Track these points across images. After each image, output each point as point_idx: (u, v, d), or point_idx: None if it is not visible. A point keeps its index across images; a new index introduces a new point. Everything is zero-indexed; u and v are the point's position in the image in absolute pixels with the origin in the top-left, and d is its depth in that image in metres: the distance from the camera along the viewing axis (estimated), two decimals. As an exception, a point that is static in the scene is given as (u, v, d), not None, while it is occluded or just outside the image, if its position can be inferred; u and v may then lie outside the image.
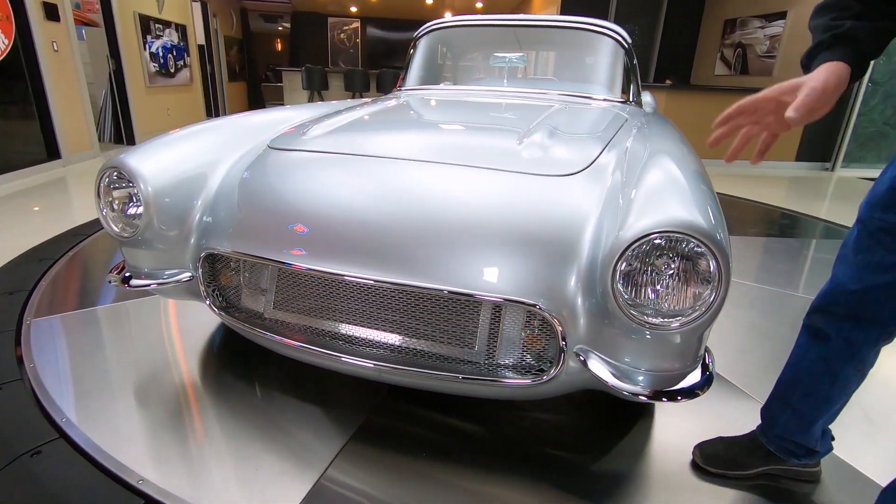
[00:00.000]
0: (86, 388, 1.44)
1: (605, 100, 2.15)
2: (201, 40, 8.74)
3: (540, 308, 1.01)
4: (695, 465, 1.21)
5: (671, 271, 0.90)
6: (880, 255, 0.89)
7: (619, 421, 1.37)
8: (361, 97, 8.61)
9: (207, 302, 1.33)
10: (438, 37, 2.57)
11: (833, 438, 1.14)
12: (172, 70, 7.14)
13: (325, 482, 1.13)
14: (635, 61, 2.32)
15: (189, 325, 1.83)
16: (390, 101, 2.03)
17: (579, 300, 1.01)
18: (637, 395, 0.97)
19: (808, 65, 0.78)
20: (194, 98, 8.08)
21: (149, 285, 1.32)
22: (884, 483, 1.16)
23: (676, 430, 1.34)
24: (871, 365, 0.99)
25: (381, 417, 1.36)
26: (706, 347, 1.05)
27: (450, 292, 1.05)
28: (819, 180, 5.81)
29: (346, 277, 1.10)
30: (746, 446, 1.18)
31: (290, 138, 1.49)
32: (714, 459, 1.18)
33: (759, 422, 1.19)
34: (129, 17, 6.01)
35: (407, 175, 1.23)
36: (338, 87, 8.67)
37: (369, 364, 1.15)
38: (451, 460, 1.23)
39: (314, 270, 1.12)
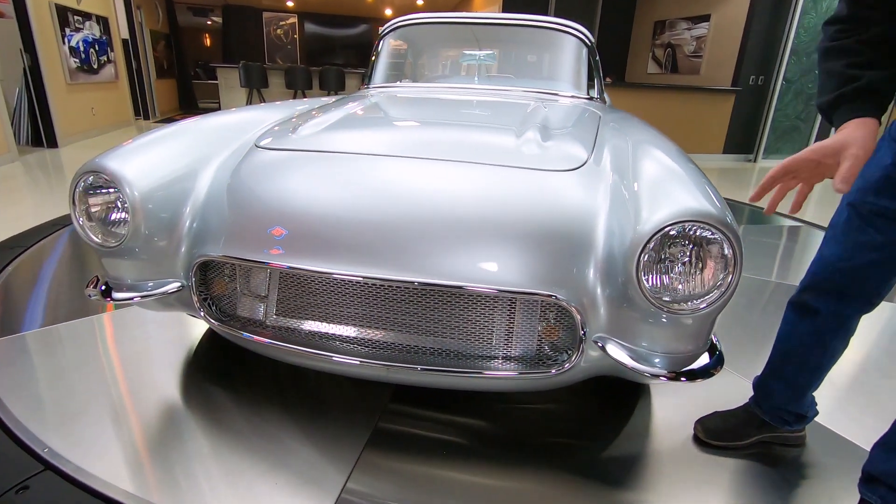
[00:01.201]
0: (63, 413, 1.32)
1: (573, 96, 2.23)
2: (125, 34, 8.14)
3: (559, 299, 1.04)
4: (696, 440, 1.29)
5: (690, 259, 0.95)
6: (870, 236, 0.98)
7: (621, 406, 1.44)
8: (304, 96, 8.36)
9: (202, 313, 1.25)
10: (404, 34, 2.55)
11: (816, 404, 1.25)
12: (95, 66, 6.60)
13: (346, 497, 1.10)
14: (598, 58, 2.41)
15: (167, 336, 1.71)
16: (370, 99, 1.99)
17: (598, 289, 1.05)
18: (657, 376, 1.02)
19: (829, 113, 0.85)
20: (121, 96, 7.52)
21: (132, 298, 1.23)
22: (858, 441, 1.30)
23: (674, 410, 1.42)
24: (854, 332, 1.10)
25: (389, 423, 1.34)
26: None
27: (467, 288, 1.06)
28: (743, 170, 6.30)
29: (356, 279, 1.08)
30: (742, 418, 1.27)
31: (280, 137, 1.43)
32: (715, 433, 1.27)
33: (744, 394, 1.29)
34: (45, 7, 5.48)
35: (414, 172, 1.22)
36: (278, 84, 8.38)
37: (384, 366, 1.14)
38: (466, 458, 1.23)
39: (321, 273, 1.09)
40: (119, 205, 1.19)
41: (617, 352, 1.05)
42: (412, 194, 1.15)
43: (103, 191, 1.19)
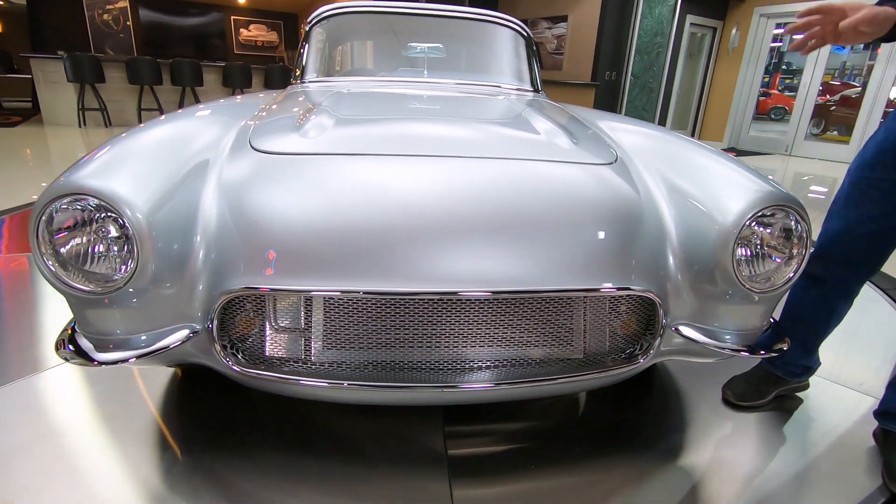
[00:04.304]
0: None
1: (518, 89, 2.26)
2: None
3: (645, 290, 1.04)
4: (727, 402, 1.41)
5: (778, 241, 1.02)
6: (868, 209, 1.15)
7: (645, 388, 1.51)
8: (153, 90, 7.29)
9: (227, 363, 1.01)
10: (336, 24, 2.35)
11: (819, 355, 1.44)
12: None
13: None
14: (535, 49, 2.48)
15: (140, 389, 1.35)
16: (330, 94, 1.78)
17: (679, 278, 1.08)
18: (737, 351, 1.09)
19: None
20: None
21: (127, 359, 0.94)
22: (853, 388, 1.53)
23: (695, 380, 1.53)
24: (857, 294, 1.29)
25: (460, 448, 1.23)
26: None
27: (555, 291, 1.01)
28: (609, 156, 7.07)
29: (424, 296, 0.97)
30: (760, 377, 1.42)
31: (283, 138, 1.21)
32: (742, 395, 1.40)
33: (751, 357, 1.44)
34: None
35: (458, 172, 1.12)
36: (119, 78, 7.16)
37: (468, 388, 1.04)
38: (551, 462, 1.19)
39: (382, 293, 0.96)
40: (111, 236, 0.90)
41: (695, 334, 1.09)
42: (467, 195, 1.06)
43: (89, 219, 0.89)
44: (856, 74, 9.71)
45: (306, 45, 2.31)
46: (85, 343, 0.98)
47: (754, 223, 1.01)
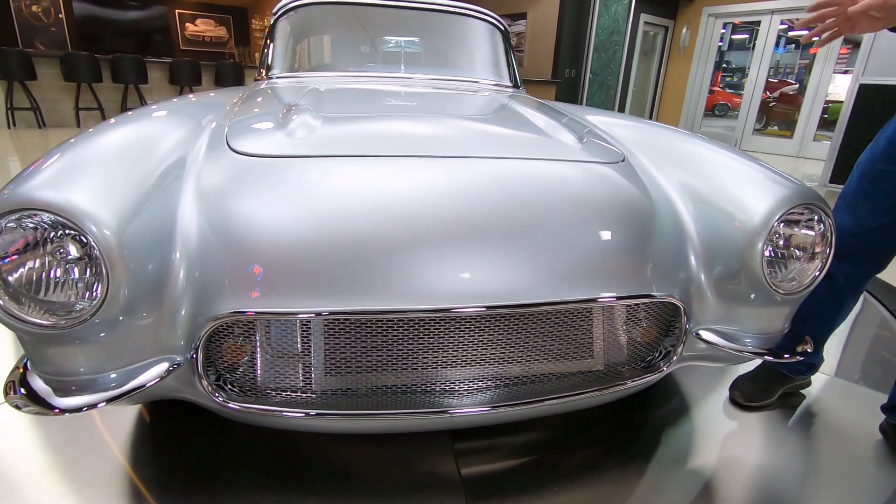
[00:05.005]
0: None
1: (497, 84, 2.20)
2: None
3: (669, 296, 0.98)
4: (735, 403, 1.38)
5: (805, 241, 0.99)
6: (880, 201, 1.14)
7: (648, 390, 1.46)
8: (91, 88, 6.78)
9: (217, 398, 0.87)
10: (304, 16, 2.20)
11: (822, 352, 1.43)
12: None
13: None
14: (511, 43, 2.42)
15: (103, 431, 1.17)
16: (303, 89, 1.64)
17: (703, 280, 1.03)
18: (762, 355, 1.05)
19: None
20: None
21: (96, 404, 0.80)
22: (852, 382, 1.53)
23: (699, 379, 1.50)
24: (864, 290, 1.28)
25: (472, 467, 1.13)
26: None
27: (579, 302, 0.93)
28: (572, 153, 7.16)
29: (444, 313, 0.87)
30: (766, 376, 1.40)
31: (268, 139, 1.08)
32: (751, 395, 1.38)
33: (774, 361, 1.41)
34: None
35: (466, 173, 1.03)
36: (52, 76, 6.61)
37: (481, 410, 0.95)
38: (566, 475, 1.12)
39: (398, 312, 0.85)
40: (70, 258, 0.75)
41: (715, 338, 1.04)
42: (480, 198, 0.97)
43: (38, 238, 0.73)
44: (788, 73, 10.29)
45: (272, 39, 2.16)
46: (40, 385, 0.82)
47: (782, 223, 0.97)
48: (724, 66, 12.03)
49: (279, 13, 2.17)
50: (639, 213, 1.04)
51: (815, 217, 0.98)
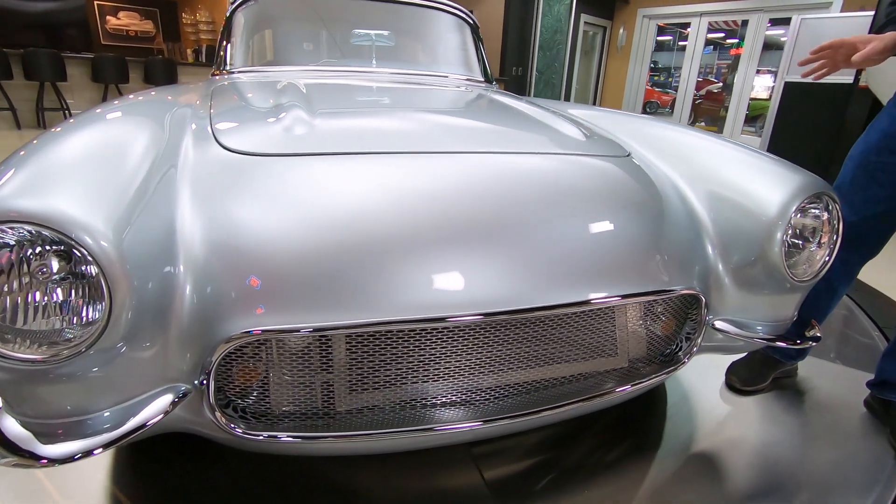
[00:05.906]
0: None
1: (468, 79, 2.16)
2: None
3: (692, 290, 0.98)
4: (731, 387, 1.43)
5: (821, 229, 1.01)
6: (875, 190, 1.20)
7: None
8: (1, 88, 6.09)
9: (233, 428, 0.77)
10: (264, 7, 2.06)
11: None
12: None
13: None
14: (480, 38, 2.39)
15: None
16: (294, 83, 1.52)
17: (721, 270, 1.03)
18: (775, 342, 1.07)
19: (883, 29, 1.10)
20: None
21: (92, 450, 0.68)
22: (832, 361, 1.61)
23: (695, 370, 1.53)
24: (857, 275, 1.35)
25: (494, 470, 1.10)
26: None
27: (601, 300, 0.90)
28: (522, 150, 7.28)
29: (468, 319, 0.81)
30: (760, 361, 1.45)
31: (264, 137, 0.98)
32: (746, 380, 1.42)
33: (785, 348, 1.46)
34: None
35: (480, 169, 0.98)
36: (-48, 72, 5.90)
37: (511, 420, 0.90)
38: (583, 471, 1.10)
39: (427, 320, 0.79)
40: (54, 279, 0.63)
41: (730, 328, 1.06)
42: (494, 195, 0.92)
43: (12, 259, 0.61)
44: (708, 73, 10.99)
45: (230, 32, 2.00)
46: (17, 431, 0.69)
47: (798, 213, 0.99)
48: (652, 65, 12.75)
49: (237, 4, 2.02)
50: (654, 206, 1.04)
51: (824, 204, 1.01)
